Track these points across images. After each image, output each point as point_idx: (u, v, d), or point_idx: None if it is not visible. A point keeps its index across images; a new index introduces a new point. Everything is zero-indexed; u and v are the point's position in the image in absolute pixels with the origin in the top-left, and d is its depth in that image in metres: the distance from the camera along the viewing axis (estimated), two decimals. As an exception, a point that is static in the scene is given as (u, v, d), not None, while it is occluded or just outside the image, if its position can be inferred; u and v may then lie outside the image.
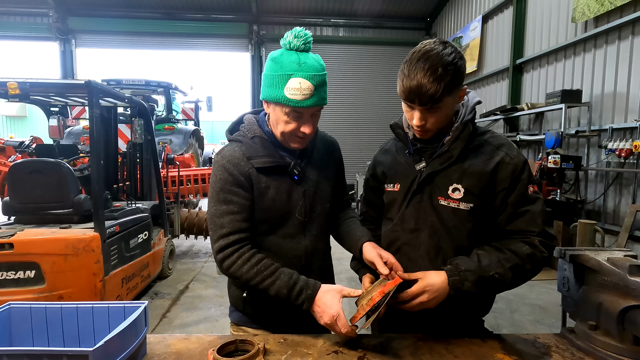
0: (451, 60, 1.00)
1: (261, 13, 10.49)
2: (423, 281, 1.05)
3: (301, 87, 1.02)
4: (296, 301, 1.08)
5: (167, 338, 1.12)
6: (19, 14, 10.30)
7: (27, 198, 3.04)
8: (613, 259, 1.05)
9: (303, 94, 1.03)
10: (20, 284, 2.67)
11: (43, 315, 1.01)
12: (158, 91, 8.10)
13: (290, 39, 1.05)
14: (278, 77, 1.04)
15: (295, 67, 1.03)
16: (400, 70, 1.04)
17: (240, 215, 1.12)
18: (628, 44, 4.69)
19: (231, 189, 1.12)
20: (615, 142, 4.65)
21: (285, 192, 1.16)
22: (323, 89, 1.08)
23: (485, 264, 1.06)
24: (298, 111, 1.06)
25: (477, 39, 8.44)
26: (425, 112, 1.05)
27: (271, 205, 1.15)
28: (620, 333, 0.99)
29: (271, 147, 1.16)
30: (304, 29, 1.07)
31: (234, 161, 1.13)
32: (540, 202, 1.10)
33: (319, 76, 1.05)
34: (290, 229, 1.19)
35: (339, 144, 1.38)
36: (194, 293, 4.10)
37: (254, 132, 1.18)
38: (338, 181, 1.33)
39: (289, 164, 1.16)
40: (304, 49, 1.06)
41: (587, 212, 5.30)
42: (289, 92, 1.03)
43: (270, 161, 1.13)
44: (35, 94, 3.37)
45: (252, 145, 1.15)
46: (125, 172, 4.40)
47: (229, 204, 1.12)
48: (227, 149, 1.18)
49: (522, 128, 7.00)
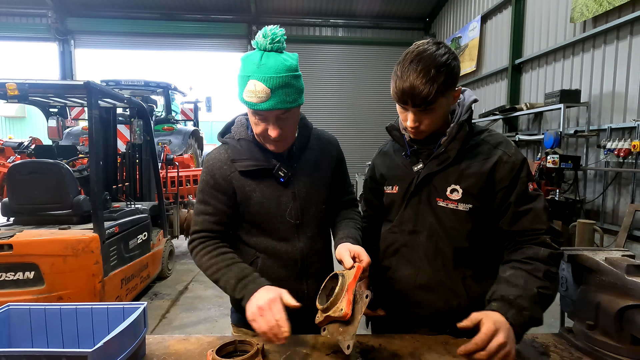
0: (444, 61, 0.99)
1: (260, 13, 10.50)
2: (487, 319, 0.90)
3: (256, 89, 0.99)
4: (238, 295, 1.04)
5: (167, 339, 1.13)
6: (17, 15, 10.30)
7: (26, 199, 3.04)
8: (611, 259, 1.05)
9: (258, 97, 0.99)
10: (20, 285, 2.66)
11: (42, 317, 1.01)
12: (157, 92, 8.09)
13: (258, 38, 1.03)
14: (240, 78, 1.03)
15: (254, 69, 1.00)
16: (394, 71, 1.04)
17: (213, 218, 1.15)
18: (626, 43, 4.70)
19: (210, 191, 1.15)
20: (613, 142, 4.66)
21: (272, 196, 1.15)
22: (285, 92, 1.01)
23: (521, 283, 0.97)
24: (259, 114, 1.04)
25: (476, 39, 8.45)
26: (419, 114, 1.04)
27: (258, 209, 1.15)
28: (618, 333, 1.00)
29: (255, 150, 1.14)
30: (276, 27, 1.03)
31: (217, 164, 1.15)
32: (542, 198, 1.07)
33: (278, 78, 0.99)
34: (283, 232, 1.17)
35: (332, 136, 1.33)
36: (194, 294, 4.10)
37: (241, 135, 1.17)
38: (336, 180, 1.28)
39: (273, 166, 1.14)
40: (271, 49, 1.02)
41: (586, 211, 5.31)
42: (246, 95, 1.01)
43: (253, 164, 1.13)
44: (34, 94, 3.36)
45: (237, 148, 1.15)
46: (125, 173, 4.40)
47: (206, 205, 1.16)
48: (214, 151, 1.20)
49: (521, 128, 7.01)
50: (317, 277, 1.19)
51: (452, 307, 1.14)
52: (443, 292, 1.14)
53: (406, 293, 1.19)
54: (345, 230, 1.20)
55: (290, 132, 1.11)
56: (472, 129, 1.14)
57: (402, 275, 1.20)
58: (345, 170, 1.34)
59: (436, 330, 1.17)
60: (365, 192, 1.40)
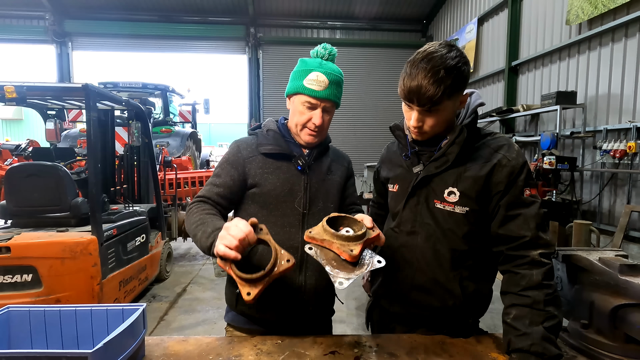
0: (454, 64, 0.99)
1: (258, 15, 10.52)
2: None
3: (318, 79, 1.18)
4: (209, 241, 1.02)
5: (166, 340, 1.13)
6: (15, 17, 10.27)
7: (24, 201, 3.04)
8: (604, 259, 1.07)
9: (319, 85, 1.18)
10: (18, 287, 2.66)
11: (42, 318, 1.01)
12: (155, 94, 8.09)
13: (318, 48, 1.24)
14: (301, 72, 1.21)
15: (317, 65, 1.21)
16: (403, 69, 1.04)
17: (218, 189, 1.23)
18: (621, 46, 4.74)
19: (225, 166, 1.25)
20: (609, 143, 4.69)
21: (286, 181, 1.23)
22: (337, 89, 1.23)
23: (527, 329, 0.97)
24: (312, 102, 1.19)
25: (472, 41, 8.49)
26: (424, 114, 1.05)
27: (271, 189, 1.22)
28: (612, 331, 1.01)
29: (281, 140, 1.26)
30: (331, 46, 1.25)
31: (243, 145, 1.27)
32: (536, 205, 1.05)
33: (335, 75, 1.21)
34: (289, 217, 1.23)
35: (339, 147, 1.45)
36: (192, 296, 4.09)
37: (269, 127, 1.30)
38: (346, 188, 1.37)
39: (294, 154, 1.24)
40: (328, 58, 1.24)
41: (583, 212, 5.33)
42: (307, 82, 1.19)
43: (277, 149, 1.24)
44: (32, 97, 3.36)
45: (265, 136, 1.28)
46: (123, 175, 4.39)
47: (217, 177, 1.25)
48: (243, 137, 1.34)
49: (518, 129, 7.04)
50: (315, 271, 1.22)
51: (448, 306, 1.15)
52: (440, 293, 1.15)
53: (404, 293, 1.20)
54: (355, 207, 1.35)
55: (325, 127, 1.25)
56: (476, 132, 1.14)
57: (400, 275, 1.21)
58: (353, 185, 1.44)
59: (433, 330, 1.18)
60: (375, 182, 1.46)
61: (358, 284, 1.45)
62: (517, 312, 1.01)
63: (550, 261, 1.03)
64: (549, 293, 1.00)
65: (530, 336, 0.96)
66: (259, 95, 10.87)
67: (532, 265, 1.02)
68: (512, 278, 1.05)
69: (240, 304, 1.26)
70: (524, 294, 1.01)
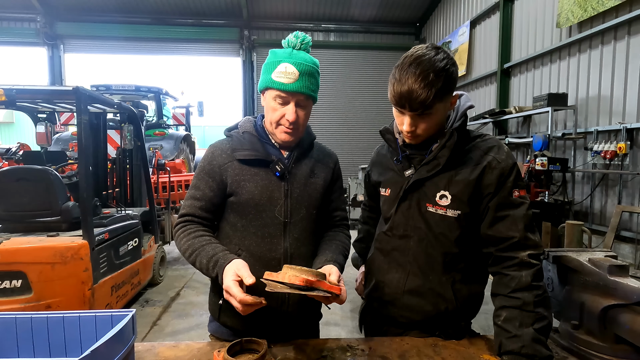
0: (443, 67, 0.99)
1: (252, 18, 10.52)
2: None
3: (287, 70, 1.09)
4: (213, 274, 1.05)
5: (156, 346, 1.12)
6: (5, 19, 10.16)
7: (14, 206, 2.99)
8: (594, 260, 1.07)
9: (287, 77, 1.09)
10: (7, 293, 2.61)
11: (28, 326, 0.99)
12: (148, 96, 8.03)
13: (290, 37, 1.14)
14: (270, 64, 1.12)
15: (286, 56, 1.11)
16: (392, 74, 1.03)
17: (200, 203, 1.18)
18: (611, 48, 4.81)
19: (203, 176, 1.19)
20: (600, 145, 4.75)
21: (265, 188, 1.15)
22: (310, 80, 1.12)
23: (517, 331, 0.98)
24: (283, 96, 1.10)
25: (465, 44, 8.57)
26: (416, 118, 1.04)
27: (249, 198, 1.15)
28: (601, 332, 1.02)
29: (258, 143, 1.18)
30: (304, 34, 1.15)
31: (217, 152, 1.19)
32: (524, 207, 1.06)
33: (307, 65, 1.11)
34: (269, 228, 1.16)
35: (333, 151, 1.36)
36: (186, 300, 4.06)
37: (246, 129, 1.21)
38: (331, 193, 1.28)
39: (271, 160, 1.16)
40: (300, 47, 1.14)
41: (575, 213, 5.39)
42: (275, 75, 1.10)
43: (253, 154, 1.16)
44: (22, 100, 3.32)
45: (241, 140, 1.19)
46: (115, 179, 4.35)
47: (197, 190, 1.19)
48: (218, 141, 1.25)
49: (511, 131, 7.11)
50: None
51: (441, 310, 1.15)
52: (432, 297, 1.15)
53: (395, 296, 1.20)
54: (334, 255, 1.18)
55: (302, 123, 1.16)
56: (466, 135, 1.14)
57: (392, 278, 1.21)
58: (341, 187, 1.35)
59: (425, 333, 1.18)
60: (366, 185, 1.44)
61: (351, 287, 1.45)
62: (508, 314, 1.02)
63: (539, 262, 1.03)
64: (538, 294, 1.00)
65: (520, 338, 0.97)
66: (253, 98, 10.87)
67: (521, 267, 1.02)
68: (502, 280, 1.06)
69: (223, 315, 1.21)
70: (513, 296, 1.02)
